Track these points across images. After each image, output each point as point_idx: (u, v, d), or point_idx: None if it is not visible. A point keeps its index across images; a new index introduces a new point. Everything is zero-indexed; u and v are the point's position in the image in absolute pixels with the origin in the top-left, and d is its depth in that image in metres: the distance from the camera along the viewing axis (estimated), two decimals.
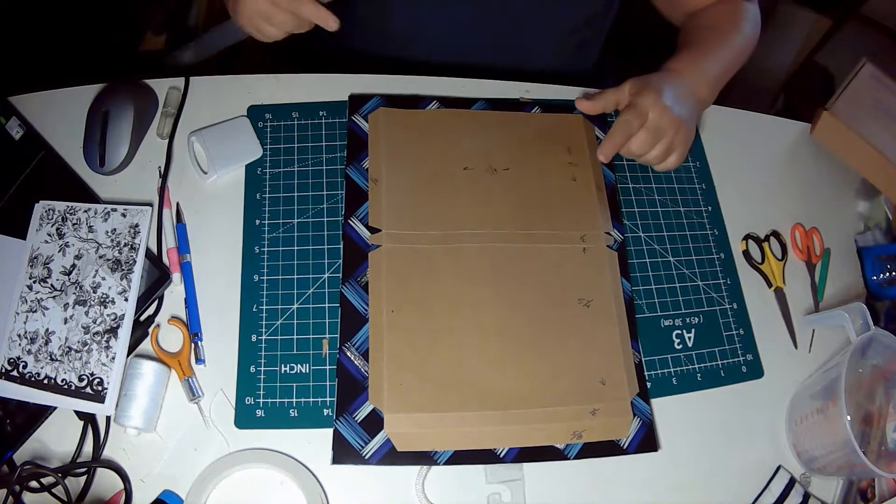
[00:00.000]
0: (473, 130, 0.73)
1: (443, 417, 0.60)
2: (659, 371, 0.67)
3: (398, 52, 0.84)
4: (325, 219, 0.69)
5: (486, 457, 0.60)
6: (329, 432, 0.59)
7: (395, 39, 0.84)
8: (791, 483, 0.64)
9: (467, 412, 0.60)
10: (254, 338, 0.63)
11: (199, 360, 0.62)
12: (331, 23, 0.63)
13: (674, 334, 0.69)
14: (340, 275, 0.65)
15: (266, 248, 0.67)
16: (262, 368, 0.62)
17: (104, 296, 0.61)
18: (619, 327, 0.66)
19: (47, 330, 0.60)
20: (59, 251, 0.63)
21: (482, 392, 0.61)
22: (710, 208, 0.76)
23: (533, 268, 0.66)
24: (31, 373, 0.59)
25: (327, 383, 0.62)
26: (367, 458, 0.58)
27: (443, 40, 0.83)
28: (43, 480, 0.57)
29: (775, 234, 0.76)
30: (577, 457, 0.61)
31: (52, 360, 0.59)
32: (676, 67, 0.73)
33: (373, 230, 0.66)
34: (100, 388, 0.58)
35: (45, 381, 0.58)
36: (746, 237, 0.75)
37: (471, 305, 0.64)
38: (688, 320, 0.70)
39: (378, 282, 0.64)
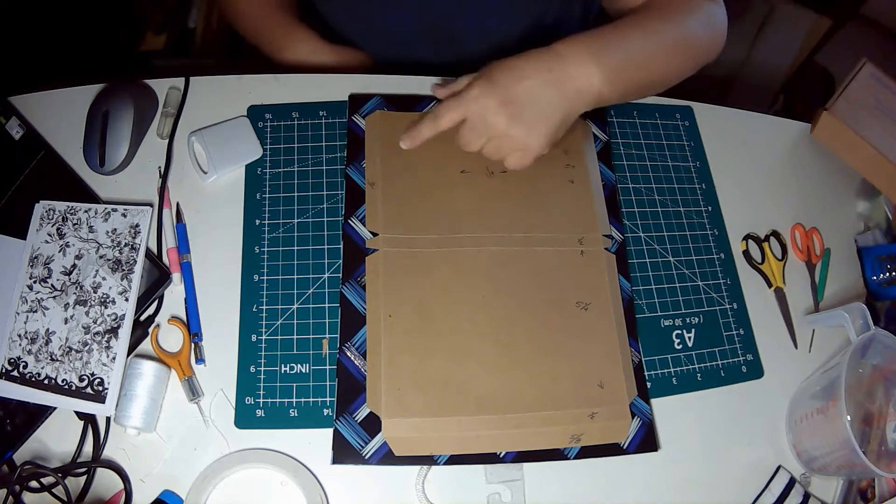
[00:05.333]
0: None
1: (440, 422, 0.60)
2: (659, 371, 0.67)
3: (377, 50, 0.84)
4: (325, 219, 0.69)
5: (486, 457, 0.60)
6: (329, 432, 0.59)
7: (368, 38, 0.84)
8: (791, 483, 0.64)
9: (465, 416, 0.60)
10: (254, 338, 0.63)
11: (199, 360, 0.62)
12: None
13: (674, 334, 0.69)
14: (340, 275, 0.65)
15: (266, 248, 0.67)
16: (262, 368, 0.62)
17: (105, 296, 0.61)
18: (617, 330, 0.66)
19: (48, 330, 0.60)
20: (60, 251, 0.63)
21: (480, 396, 0.61)
22: (710, 208, 0.76)
23: (530, 271, 0.66)
24: (31, 373, 0.59)
25: (327, 383, 0.62)
26: (367, 458, 0.58)
27: (398, 44, 0.83)
28: (43, 480, 0.57)
29: (775, 234, 0.76)
30: (577, 457, 0.61)
31: (52, 360, 0.59)
32: (559, 48, 0.62)
33: (371, 233, 0.66)
34: (100, 388, 0.58)
35: (46, 382, 0.58)
36: (746, 237, 0.75)
37: (468, 309, 0.64)
38: (688, 320, 0.70)
39: (375, 286, 0.64)
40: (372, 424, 0.59)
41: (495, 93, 0.60)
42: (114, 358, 0.59)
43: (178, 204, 0.69)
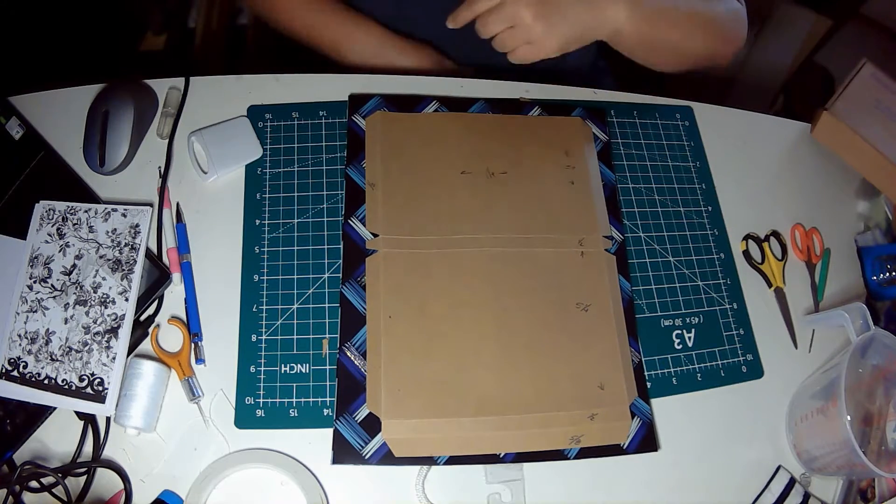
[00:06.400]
0: (471, 134, 0.72)
1: (440, 423, 0.60)
2: (659, 371, 0.67)
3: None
4: (325, 219, 0.69)
5: (486, 457, 0.60)
6: (329, 432, 0.59)
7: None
8: (791, 483, 0.64)
9: (465, 418, 0.60)
10: (254, 338, 0.63)
11: (199, 360, 0.62)
12: None
13: (674, 334, 0.69)
14: (340, 275, 0.65)
15: (266, 248, 0.67)
16: (262, 368, 0.62)
17: (105, 296, 0.61)
18: (617, 331, 0.65)
19: (48, 330, 0.60)
20: (60, 251, 0.63)
21: (480, 397, 0.61)
22: (710, 208, 0.76)
23: (531, 272, 0.66)
24: (31, 373, 0.59)
25: (327, 383, 0.62)
26: (367, 458, 0.58)
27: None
28: (43, 480, 0.57)
29: (775, 234, 0.76)
30: (577, 457, 0.61)
31: (52, 360, 0.59)
32: None
33: (371, 234, 0.66)
34: (100, 388, 0.58)
35: (46, 382, 0.58)
36: (746, 237, 0.75)
37: (468, 311, 0.64)
38: (688, 320, 0.70)
39: (375, 287, 0.64)
40: (372, 424, 0.59)
41: None
42: (114, 358, 0.59)
43: (178, 204, 0.69)
